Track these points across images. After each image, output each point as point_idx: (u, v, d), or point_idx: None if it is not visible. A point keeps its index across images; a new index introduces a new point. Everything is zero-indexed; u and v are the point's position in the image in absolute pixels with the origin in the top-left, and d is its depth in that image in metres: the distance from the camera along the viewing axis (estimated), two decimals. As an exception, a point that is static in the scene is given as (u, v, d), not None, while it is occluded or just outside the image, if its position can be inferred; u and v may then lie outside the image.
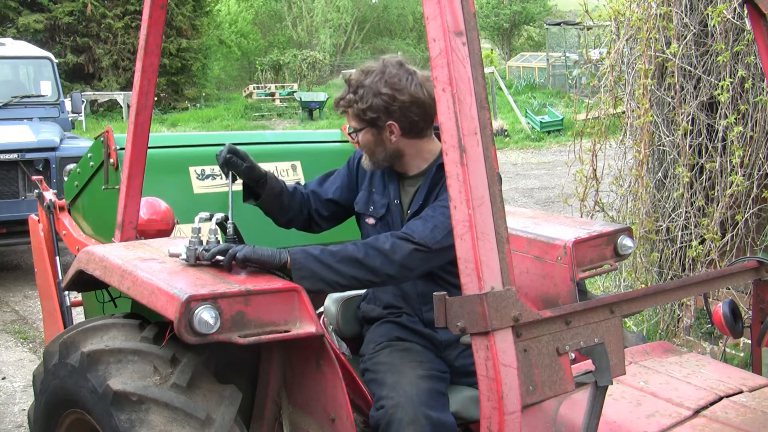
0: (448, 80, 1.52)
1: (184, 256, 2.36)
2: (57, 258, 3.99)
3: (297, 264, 2.34)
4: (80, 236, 3.78)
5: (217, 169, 3.57)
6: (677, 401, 2.03)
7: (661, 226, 4.86)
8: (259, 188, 2.74)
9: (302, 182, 3.49)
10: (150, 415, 2.11)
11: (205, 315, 2.04)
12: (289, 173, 3.85)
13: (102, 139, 3.59)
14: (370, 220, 2.79)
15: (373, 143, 2.67)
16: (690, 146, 4.63)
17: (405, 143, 2.67)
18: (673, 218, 4.77)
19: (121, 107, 22.26)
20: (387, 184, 2.78)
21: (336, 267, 2.37)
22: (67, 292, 3.78)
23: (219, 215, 2.56)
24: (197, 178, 3.65)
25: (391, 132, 2.63)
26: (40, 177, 4.23)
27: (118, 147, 3.49)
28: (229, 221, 2.56)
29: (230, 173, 2.67)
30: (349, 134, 2.76)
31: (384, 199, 2.77)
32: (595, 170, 5.09)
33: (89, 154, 3.80)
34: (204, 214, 2.54)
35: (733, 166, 4.35)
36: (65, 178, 7.34)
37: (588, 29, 6.65)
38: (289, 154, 3.94)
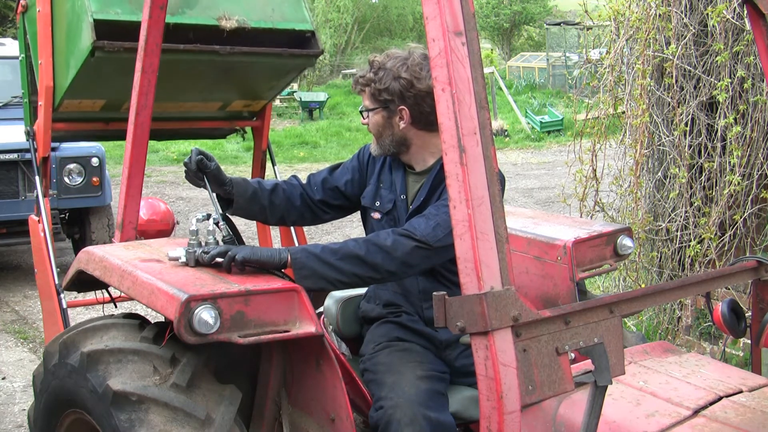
0: (447, 80, 1.53)
1: (183, 259, 2.36)
2: (53, 259, 3.98)
3: (298, 264, 2.34)
4: None
5: None
6: (677, 401, 2.03)
7: (660, 226, 4.85)
8: (227, 194, 2.72)
9: None
10: (150, 415, 2.12)
11: (205, 315, 2.04)
12: None
13: None
14: (376, 215, 2.79)
15: (381, 126, 2.69)
16: (689, 146, 4.63)
17: (413, 133, 2.67)
18: (673, 218, 4.77)
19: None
20: (394, 180, 2.78)
21: (337, 265, 2.36)
22: (63, 294, 3.78)
23: (216, 215, 2.55)
24: None
25: (401, 118, 2.65)
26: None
27: None
28: (220, 222, 2.55)
29: (204, 177, 2.65)
30: (360, 112, 2.79)
31: (391, 194, 2.77)
32: (594, 170, 5.09)
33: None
34: (200, 215, 2.54)
35: (732, 166, 4.35)
36: (65, 179, 7.36)
37: (588, 29, 6.64)
38: None
